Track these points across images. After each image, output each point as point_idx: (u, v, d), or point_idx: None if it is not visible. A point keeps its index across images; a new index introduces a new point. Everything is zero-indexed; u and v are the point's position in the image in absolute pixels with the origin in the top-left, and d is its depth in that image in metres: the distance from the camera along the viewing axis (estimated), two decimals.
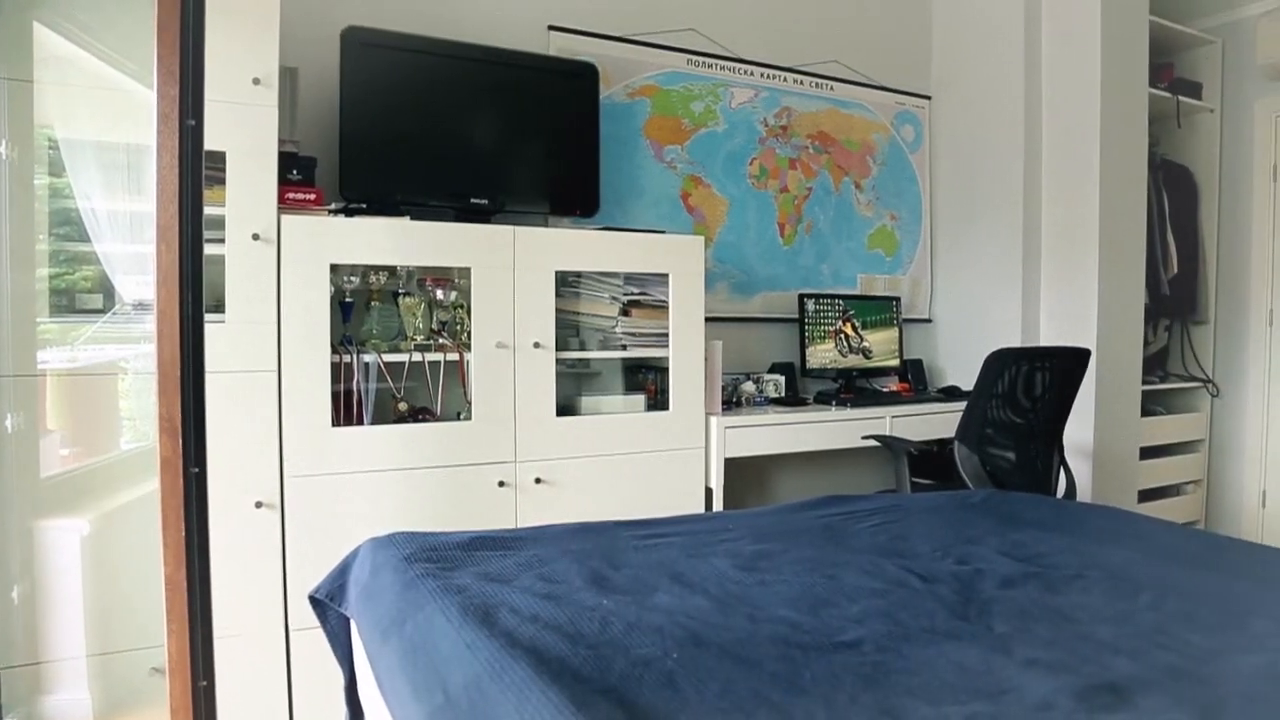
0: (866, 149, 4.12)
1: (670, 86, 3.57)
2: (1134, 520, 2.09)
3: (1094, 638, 1.37)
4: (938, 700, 1.14)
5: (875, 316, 3.88)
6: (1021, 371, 2.97)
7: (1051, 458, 3.15)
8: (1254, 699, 1.17)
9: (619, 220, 3.37)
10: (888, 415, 3.48)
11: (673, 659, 1.22)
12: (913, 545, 1.84)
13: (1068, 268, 3.82)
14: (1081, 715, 1.10)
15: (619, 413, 3.03)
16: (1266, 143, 4.50)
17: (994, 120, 4.01)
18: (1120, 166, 3.80)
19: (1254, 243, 4.53)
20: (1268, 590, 1.59)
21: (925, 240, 4.30)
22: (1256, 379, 4.53)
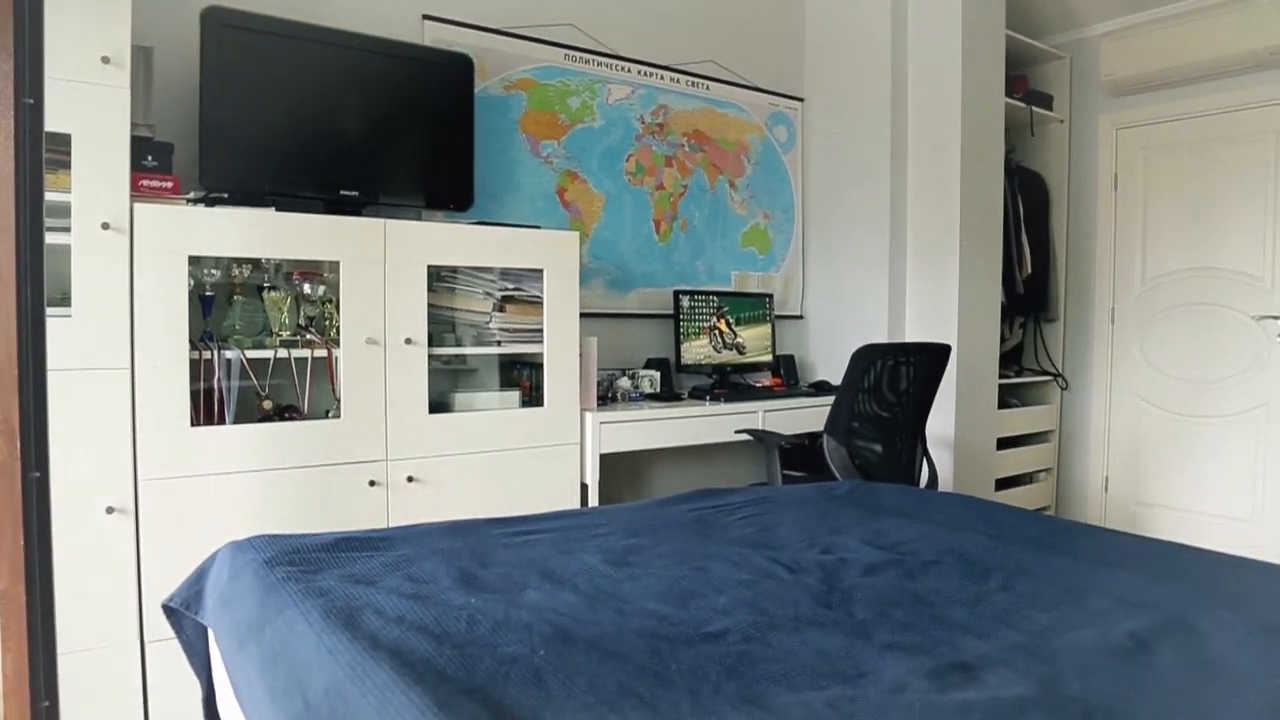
0: (741, 148, 4.20)
1: (547, 81, 3.55)
2: (987, 507, 2.20)
3: (947, 620, 1.43)
4: (799, 686, 1.17)
5: (749, 313, 3.96)
6: (887, 367, 3.09)
7: (915, 449, 3.29)
8: (1088, 670, 1.25)
9: (494, 215, 3.34)
10: (760, 410, 3.57)
11: (540, 656, 1.22)
12: (780, 536, 1.89)
13: (931, 267, 3.99)
14: (934, 694, 1.15)
15: (494, 409, 3.01)
16: (1109, 153, 4.80)
17: (863, 123, 4.15)
18: (980, 171, 3.99)
19: (1098, 246, 4.84)
20: (1104, 569, 1.70)
21: (797, 239, 4.42)
22: (1100, 372, 4.85)
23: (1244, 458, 4.34)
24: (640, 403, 3.44)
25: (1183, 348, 4.55)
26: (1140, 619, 1.43)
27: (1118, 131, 4.78)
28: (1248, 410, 4.33)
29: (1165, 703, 1.16)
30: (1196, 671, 1.26)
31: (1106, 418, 4.84)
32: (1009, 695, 1.14)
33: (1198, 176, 4.48)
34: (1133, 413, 4.74)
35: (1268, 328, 4.25)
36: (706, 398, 3.54)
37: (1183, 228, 4.54)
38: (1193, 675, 1.25)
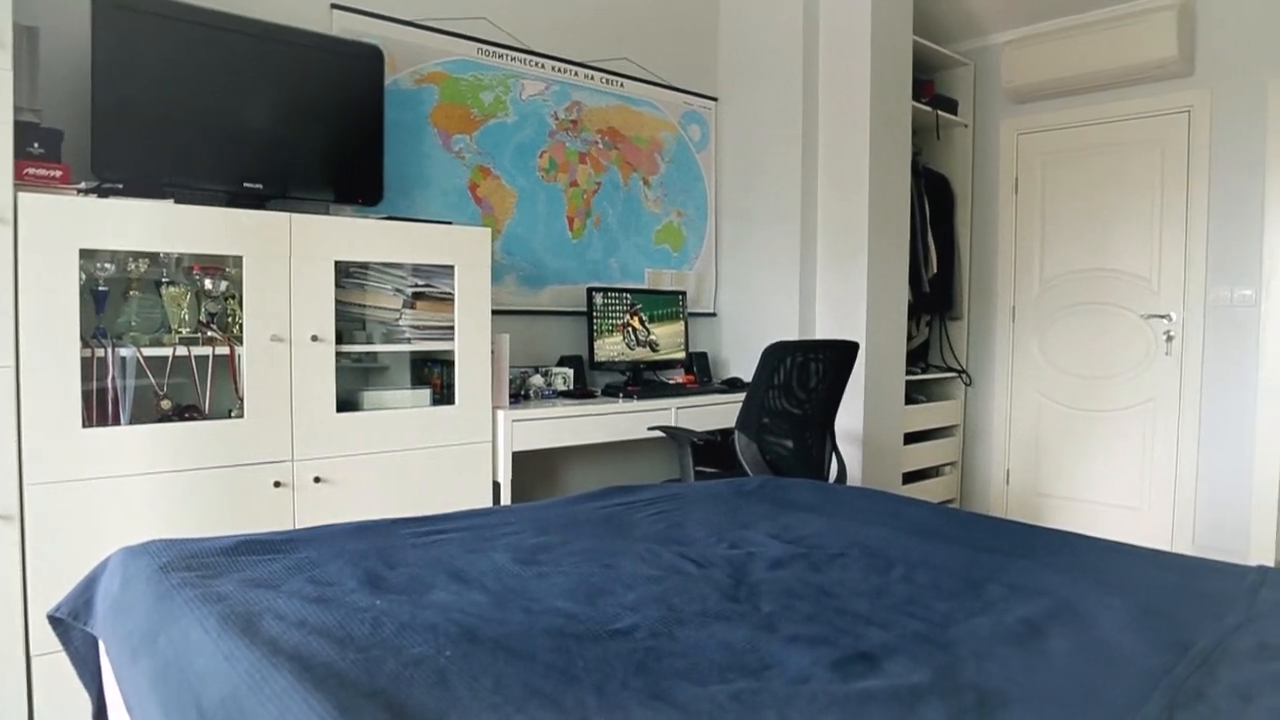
0: (655, 146, 4.22)
1: (460, 75, 3.51)
2: (892, 500, 2.26)
3: (851, 611, 1.47)
4: (705, 680, 1.18)
5: (662, 310, 3.99)
6: (796, 363, 3.14)
7: (825, 444, 3.36)
8: (983, 656, 1.29)
9: (404, 210, 3.28)
10: (673, 407, 3.59)
11: (446, 656, 1.21)
12: (690, 532, 1.91)
13: (841, 265, 4.07)
14: (836, 684, 1.18)
15: (404, 408, 2.96)
16: (1010, 157, 4.98)
17: (775, 123, 4.21)
18: (888, 172, 4.09)
19: (999, 247, 5.01)
20: (1001, 559, 1.76)
21: (710, 237, 4.46)
22: (1002, 369, 5.02)
23: (1133, 449, 4.55)
24: (553, 400, 3.43)
25: (1078, 345, 4.74)
26: (1033, 605, 1.49)
27: (1018, 137, 4.95)
28: (1137, 405, 4.54)
29: (1053, 684, 1.21)
30: (1083, 653, 1.31)
31: (1008, 412, 5.02)
32: (907, 683, 1.17)
33: (1092, 182, 4.68)
34: (1032, 407, 4.93)
35: (1155, 326, 4.46)
36: (620, 395, 3.55)
37: (1078, 230, 4.73)
38: (1079, 657, 1.30)
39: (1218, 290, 4.26)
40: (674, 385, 3.92)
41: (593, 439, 3.39)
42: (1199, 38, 4.29)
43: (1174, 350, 4.40)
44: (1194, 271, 4.33)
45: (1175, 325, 4.39)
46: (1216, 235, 4.26)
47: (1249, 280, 4.17)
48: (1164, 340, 4.43)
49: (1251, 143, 4.16)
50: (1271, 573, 1.69)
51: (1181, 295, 4.37)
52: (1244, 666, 1.27)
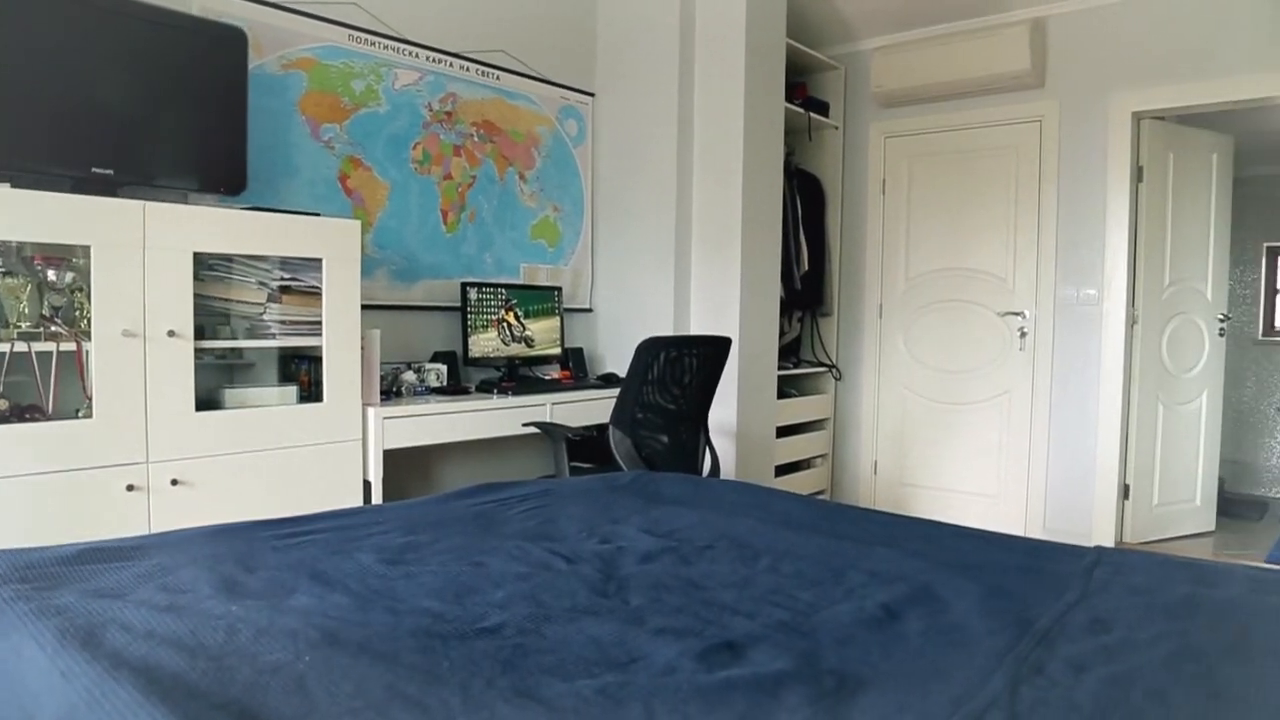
0: (531, 140, 4.19)
1: (329, 61, 3.40)
2: (761, 493, 2.31)
3: (717, 602, 1.49)
4: (572, 676, 1.18)
5: (537, 306, 3.97)
6: (670, 359, 3.18)
7: (699, 439, 3.41)
8: (844, 641, 1.34)
9: (270, 200, 3.16)
10: (549, 402, 3.58)
11: (305, 662, 1.17)
12: (561, 528, 1.90)
13: (715, 262, 4.14)
14: (701, 674, 1.20)
15: (269, 405, 2.86)
16: (878, 159, 5.15)
17: (651, 120, 4.24)
18: (761, 171, 4.17)
19: (868, 246, 5.19)
20: (864, 547, 1.82)
21: (587, 232, 4.46)
22: (870, 363, 5.20)
23: (991, 440, 4.79)
24: (426, 397, 3.37)
25: (940, 341, 4.96)
26: (892, 591, 1.54)
27: (886, 140, 5.14)
28: (994, 397, 4.78)
29: (908, 666, 1.26)
30: (937, 636, 1.37)
31: (875, 406, 5.20)
32: (770, 670, 1.20)
33: (954, 185, 4.89)
34: (898, 401, 5.13)
35: (1010, 323, 4.71)
36: (494, 391, 3.52)
37: (941, 231, 4.94)
38: (933, 639, 1.36)
39: (1066, 290, 4.53)
40: (549, 381, 3.90)
41: (467, 436, 3.34)
42: (1049, 53, 4.55)
43: (1027, 346, 4.65)
44: (1045, 271, 4.58)
45: (1028, 322, 4.65)
46: (1064, 238, 4.53)
47: (1093, 280, 4.45)
48: (1018, 336, 4.67)
49: (1094, 152, 4.43)
50: (1106, 553, 1.80)
51: (1034, 294, 4.63)
52: (1079, 640, 1.36)
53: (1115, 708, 1.14)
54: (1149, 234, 4.50)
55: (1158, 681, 1.22)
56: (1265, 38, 3.98)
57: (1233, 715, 1.13)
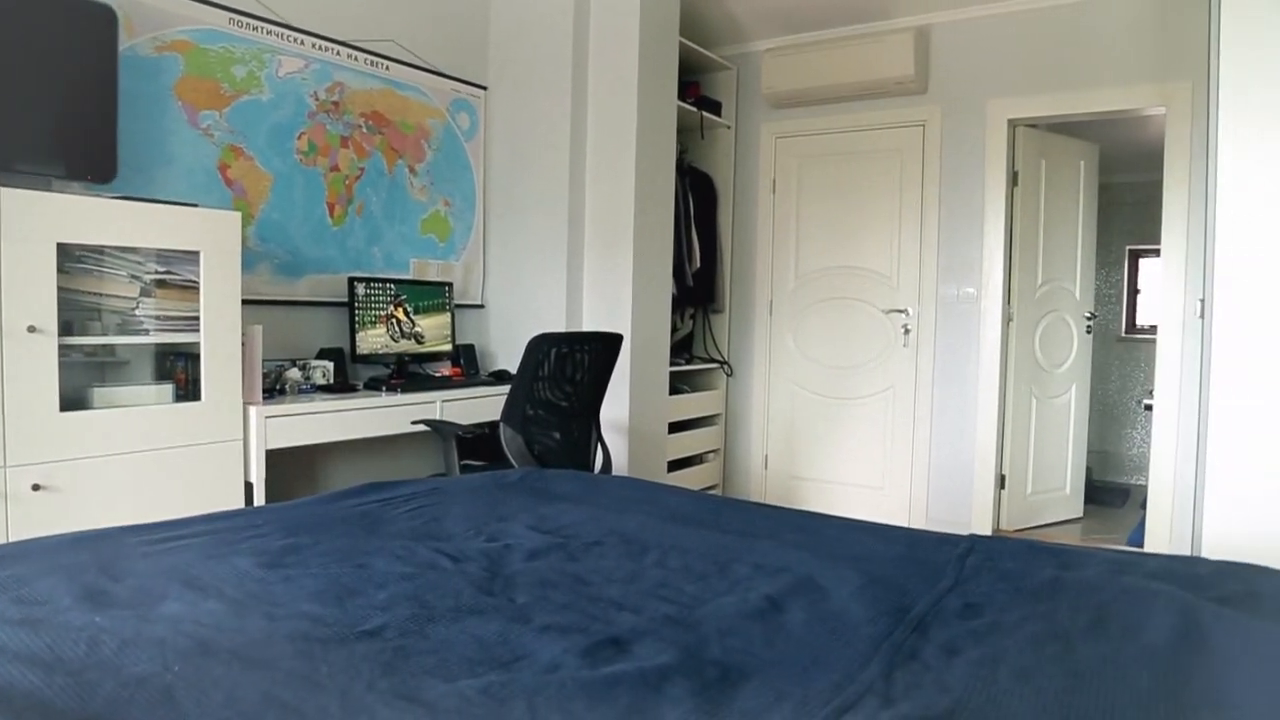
0: (422, 133, 4.11)
1: (208, 45, 3.26)
2: (652, 488, 2.33)
3: (604, 598, 1.49)
4: (455, 676, 1.17)
5: (428, 301, 3.90)
6: (562, 355, 3.17)
7: (590, 435, 3.41)
8: (727, 633, 1.36)
9: (144, 189, 3.01)
10: (439, 400, 3.53)
11: (173, 672, 1.12)
12: (447, 527, 1.88)
13: (607, 258, 4.14)
14: (585, 670, 1.20)
15: (144, 405, 2.73)
16: (769, 159, 5.25)
17: (544, 116, 4.22)
18: (653, 168, 4.20)
19: (759, 244, 5.28)
20: (750, 540, 1.86)
21: (478, 227, 4.41)
22: (760, 360, 5.29)
23: (876, 434, 4.94)
24: (312, 395, 3.28)
25: (828, 337, 5.08)
26: (775, 583, 1.58)
27: (776, 140, 5.23)
28: (879, 392, 4.92)
29: (789, 655, 1.29)
30: (817, 625, 1.41)
31: (766, 401, 5.30)
32: (654, 664, 1.21)
33: (841, 185, 5.02)
34: (788, 396, 5.23)
35: (894, 320, 4.86)
36: (383, 388, 3.44)
37: (829, 230, 5.06)
38: (814, 628, 1.39)
39: (946, 288, 4.70)
40: (440, 378, 3.84)
41: (354, 435, 3.26)
42: (932, 60, 4.71)
43: (910, 342, 4.81)
44: (927, 270, 4.75)
45: (912, 319, 4.81)
46: (945, 238, 4.70)
47: (972, 280, 4.63)
48: (902, 333, 4.83)
49: (973, 156, 4.61)
50: (979, 541, 1.88)
51: (917, 292, 4.79)
52: (951, 625, 1.41)
53: (983, 688, 1.19)
54: (1023, 236, 4.71)
55: (1023, 661, 1.27)
56: (1127, 54, 4.22)
57: (1090, 691, 1.19)
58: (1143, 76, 4.20)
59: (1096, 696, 1.18)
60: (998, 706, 1.15)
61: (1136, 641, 1.36)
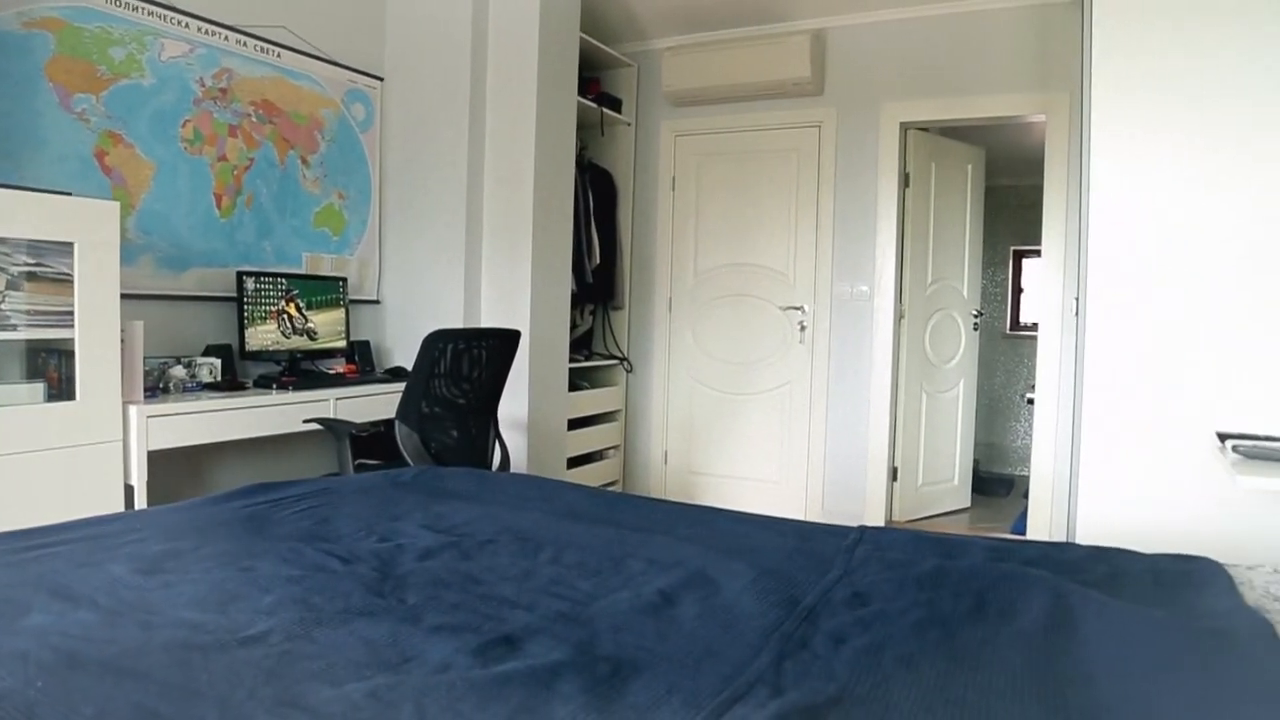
0: (315, 123, 4.00)
1: (82, 24, 3.09)
2: (546, 485, 2.32)
3: (497, 596, 1.48)
4: (341, 681, 1.14)
5: (321, 297, 3.80)
6: (459, 351, 3.13)
7: (489, 433, 3.38)
8: (620, 628, 1.36)
9: (11, 176, 2.84)
10: (332, 397, 3.44)
11: (36, 688, 1.07)
12: (338, 528, 1.83)
13: (506, 254, 4.11)
14: (476, 669, 1.18)
15: (12, 404, 2.58)
16: (668, 157, 5.28)
17: (442, 109, 4.15)
18: (553, 164, 4.18)
19: (658, 241, 5.31)
20: (645, 535, 1.87)
21: (374, 221, 4.31)
22: (660, 356, 5.33)
23: (773, 428, 5.03)
24: (198, 393, 3.16)
25: (727, 334, 5.15)
26: (669, 577, 1.59)
27: (676, 138, 5.27)
28: (776, 388, 5.01)
29: (681, 649, 1.30)
30: (709, 618, 1.43)
31: (666, 397, 5.34)
32: (546, 661, 1.21)
33: (740, 184, 5.09)
34: (688, 392, 5.28)
35: (791, 317, 4.95)
36: (274, 386, 3.34)
37: (728, 228, 5.13)
38: (706, 621, 1.41)
39: (841, 285, 4.82)
40: (334, 375, 3.75)
41: (243, 434, 3.16)
42: (828, 63, 4.82)
43: (807, 339, 4.91)
44: (822, 268, 4.85)
45: (808, 316, 4.91)
46: (840, 237, 4.81)
47: (865, 277, 4.76)
48: (799, 330, 4.93)
49: (867, 158, 4.74)
50: (868, 531, 1.94)
51: (813, 289, 4.89)
52: (840, 614, 1.45)
53: (868, 674, 1.23)
54: (914, 236, 4.86)
55: (906, 647, 1.32)
56: (1011, 64, 4.40)
57: (967, 673, 1.24)
58: (1026, 86, 4.38)
59: (974, 678, 1.23)
60: (881, 691, 1.18)
61: (1012, 625, 1.42)
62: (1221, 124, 2.64)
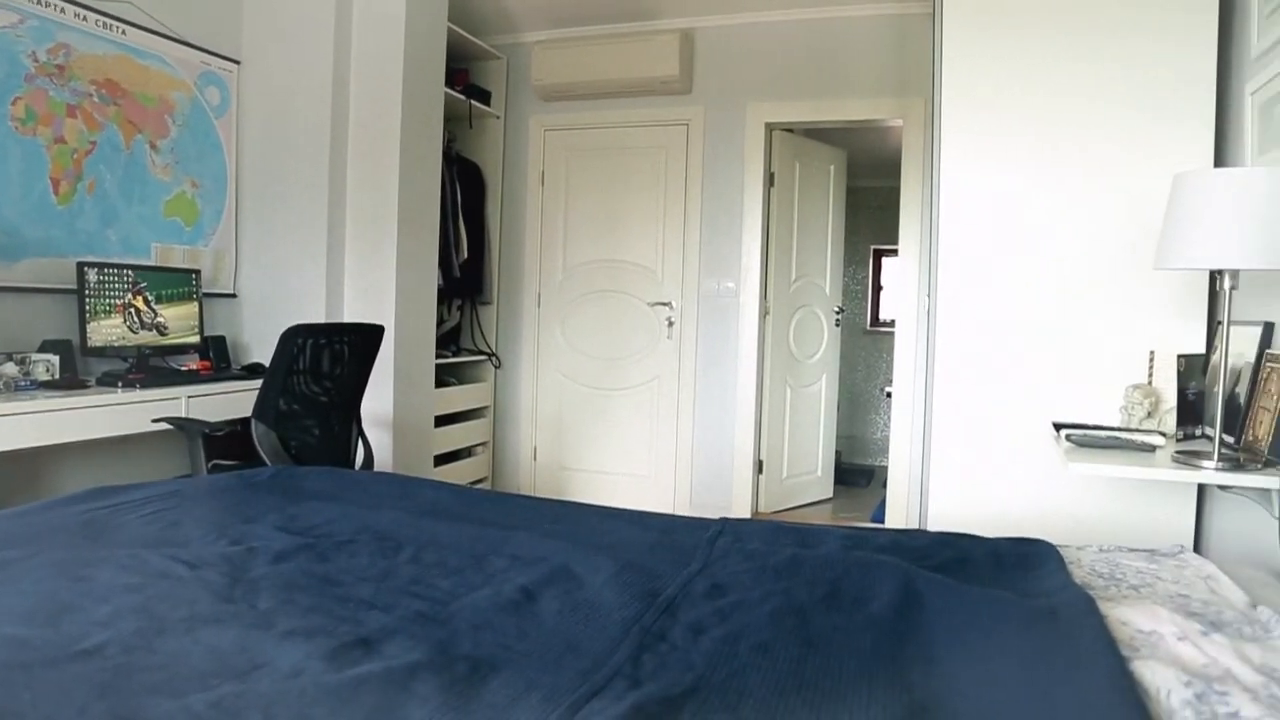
0: (165, 106, 3.80)
1: None
2: (408, 483, 2.28)
3: (354, 598, 1.45)
4: (183, 692, 1.10)
5: (172, 290, 3.61)
6: (320, 347, 3.03)
7: (351, 430, 3.29)
8: (480, 626, 1.36)
9: None
10: (184, 396, 3.28)
11: None
12: (186, 532, 1.75)
13: (370, 247, 4.01)
14: (329, 674, 1.16)
15: None
16: (538, 151, 5.26)
17: (304, 96, 4.00)
18: (419, 155, 4.09)
19: (527, 236, 5.28)
20: (508, 532, 1.86)
21: (230, 211, 4.13)
22: (529, 351, 5.30)
23: (642, 423, 5.08)
24: (32, 392, 2.95)
25: (595, 329, 5.17)
26: (531, 573, 1.59)
27: (545, 133, 5.25)
28: (645, 383, 5.07)
29: (542, 645, 1.30)
30: (570, 613, 1.43)
31: (535, 393, 5.32)
32: (402, 663, 1.19)
33: (609, 180, 5.11)
34: (557, 387, 5.28)
35: (659, 313, 5.01)
36: (119, 384, 3.16)
37: (596, 223, 5.15)
38: (567, 616, 1.42)
39: (708, 282, 4.91)
40: (186, 372, 3.57)
41: (85, 435, 2.97)
42: (696, 62, 4.89)
43: (675, 334, 4.98)
44: (690, 264, 4.93)
45: (676, 312, 4.98)
46: (707, 234, 4.90)
47: (731, 274, 4.86)
48: (666, 325, 4.99)
49: (733, 156, 4.84)
50: (728, 524, 1.98)
51: (680, 285, 4.96)
52: (699, 606, 1.48)
53: (725, 663, 1.26)
54: (778, 234, 4.99)
55: (762, 636, 1.36)
56: (871, 69, 4.58)
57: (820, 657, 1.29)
58: (885, 91, 4.56)
59: (826, 662, 1.28)
60: (737, 680, 1.22)
61: (863, 610, 1.48)
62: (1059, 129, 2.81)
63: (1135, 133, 2.73)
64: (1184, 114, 2.69)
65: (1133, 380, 2.74)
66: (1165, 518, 2.68)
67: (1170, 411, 2.62)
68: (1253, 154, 2.48)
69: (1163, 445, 2.37)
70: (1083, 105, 2.79)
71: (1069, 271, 2.81)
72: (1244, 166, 2.50)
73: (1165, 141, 2.70)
